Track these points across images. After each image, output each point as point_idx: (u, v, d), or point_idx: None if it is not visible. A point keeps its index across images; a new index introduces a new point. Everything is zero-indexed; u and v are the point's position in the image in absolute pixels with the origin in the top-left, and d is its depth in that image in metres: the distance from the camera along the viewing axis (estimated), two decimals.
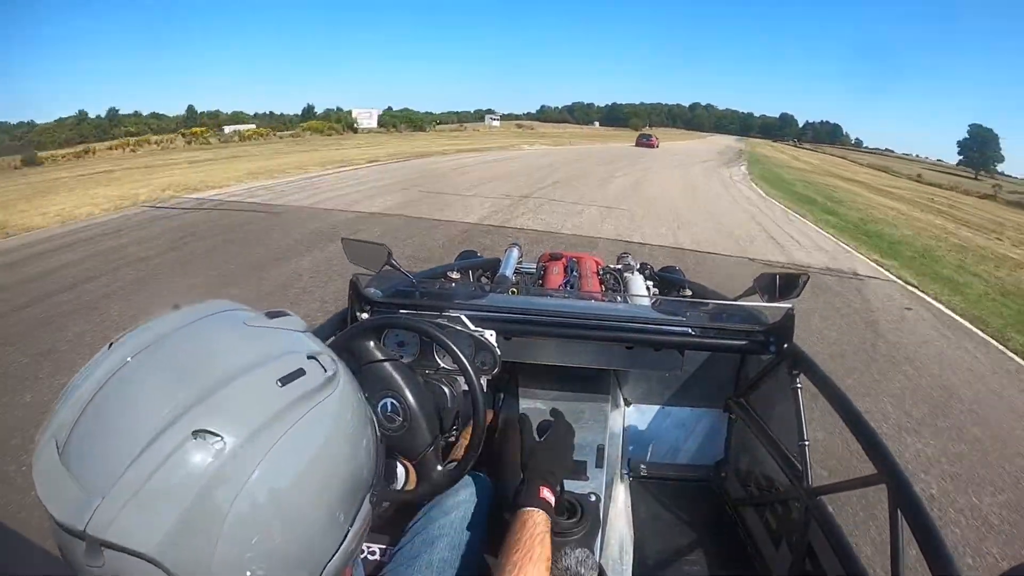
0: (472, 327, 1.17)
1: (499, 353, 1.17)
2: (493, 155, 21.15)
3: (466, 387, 1.03)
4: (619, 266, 2.23)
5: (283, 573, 0.42)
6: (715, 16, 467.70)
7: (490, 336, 1.18)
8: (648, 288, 2.06)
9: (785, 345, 1.19)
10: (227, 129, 32.75)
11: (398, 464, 0.97)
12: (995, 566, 2.03)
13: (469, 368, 0.97)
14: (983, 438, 2.98)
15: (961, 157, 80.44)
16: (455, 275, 1.92)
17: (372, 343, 1.02)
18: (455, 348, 0.97)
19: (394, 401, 0.96)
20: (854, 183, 25.90)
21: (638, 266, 2.27)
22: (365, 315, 1.26)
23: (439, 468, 0.98)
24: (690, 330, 1.25)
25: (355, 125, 40.33)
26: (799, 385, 1.12)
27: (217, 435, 0.38)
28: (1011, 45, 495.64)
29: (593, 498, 0.98)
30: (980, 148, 75.34)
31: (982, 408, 3.37)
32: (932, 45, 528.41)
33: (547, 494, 0.81)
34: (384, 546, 1.00)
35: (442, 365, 1.16)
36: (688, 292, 2.06)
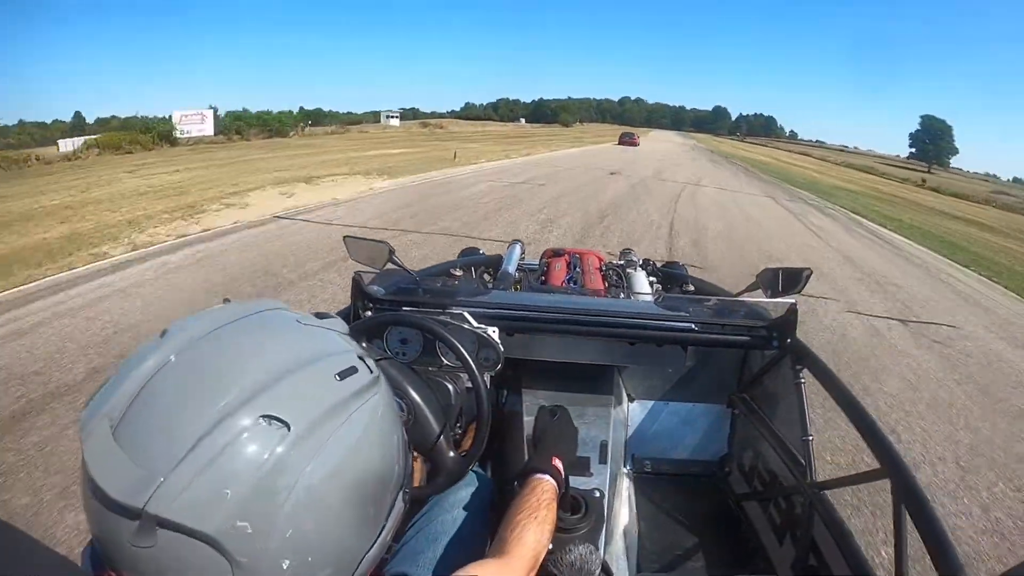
0: (475, 324, 1.16)
1: (502, 350, 1.15)
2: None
3: (469, 384, 1.01)
4: (622, 262, 2.19)
5: (330, 559, 0.42)
6: (641, 8, 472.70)
7: (493, 333, 1.16)
8: (651, 284, 2.04)
9: (788, 340, 1.19)
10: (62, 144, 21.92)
11: None
12: None
13: (472, 365, 0.96)
14: None
15: (912, 150, 76.19)
16: (457, 272, 1.92)
17: (364, 344, 1.01)
18: (458, 345, 0.96)
19: (398, 399, 0.93)
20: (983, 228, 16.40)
21: (641, 262, 2.22)
22: (368, 313, 1.25)
23: (451, 455, 0.96)
24: (693, 326, 1.25)
25: (174, 135, 24.40)
26: (802, 380, 1.11)
27: (284, 422, 0.39)
28: (938, 33, 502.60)
29: (597, 494, 0.98)
30: (933, 141, 71.04)
31: None
32: (862, 34, 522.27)
33: (559, 465, 0.82)
34: None
35: (445, 362, 1.15)
36: (691, 288, 2.02)
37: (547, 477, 0.79)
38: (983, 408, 3.43)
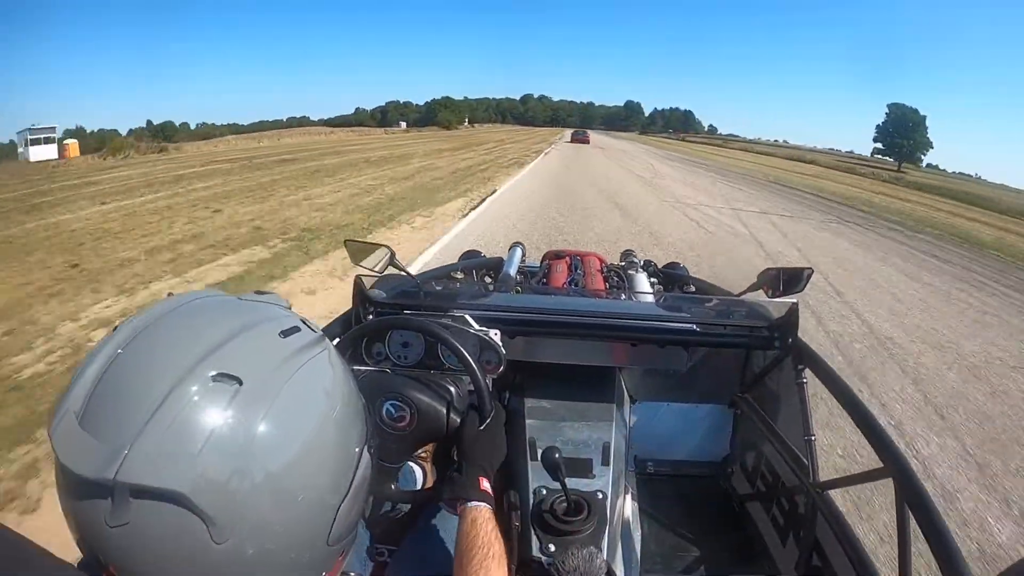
0: (477, 327, 1.16)
1: (504, 352, 1.16)
2: None
3: (472, 387, 1.02)
4: (623, 264, 2.20)
5: (300, 509, 0.44)
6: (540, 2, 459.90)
7: (495, 335, 1.17)
8: (652, 285, 2.04)
9: (790, 340, 1.19)
10: None
11: (415, 465, 0.96)
12: None
13: (475, 367, 0.96)
14: None
15: (878, 144, 63.87)
16: (459, 275, 1.93)
17: (353, 357, 1.03)
18: (460, 347, 0.96)
19: (395, 401, 0.95)
20: None
21: (642, 263, 2.22)
22: (370, 316, 1.26)
23: (484, 383, 0.97)
24: (695, 327, 1.25)
25: None
26: (804, 380, 1.12)
27: (235, 377, 0.41)
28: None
29: (600, 496, 0.99)
30: (905, 134, 59.07)
31: None
32: (773, 20, 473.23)
33: (486, 485, 0.79)
34: (385, 547, 1.00)
35: (447, 365, 1.16)
36: (692, 288, 2.03)
37: (483, 504, 0.74)
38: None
